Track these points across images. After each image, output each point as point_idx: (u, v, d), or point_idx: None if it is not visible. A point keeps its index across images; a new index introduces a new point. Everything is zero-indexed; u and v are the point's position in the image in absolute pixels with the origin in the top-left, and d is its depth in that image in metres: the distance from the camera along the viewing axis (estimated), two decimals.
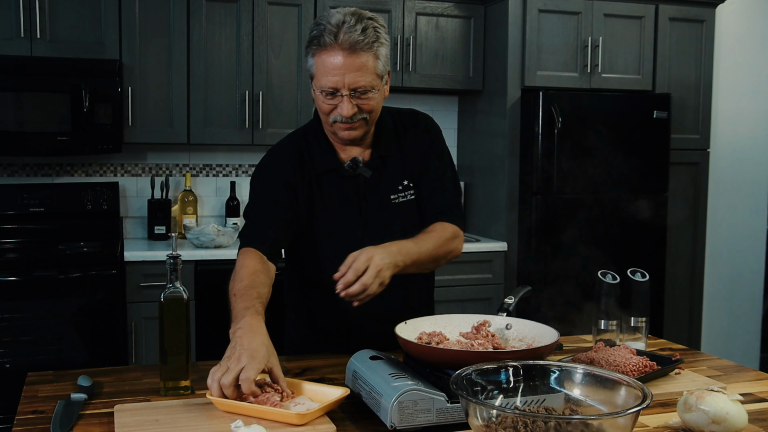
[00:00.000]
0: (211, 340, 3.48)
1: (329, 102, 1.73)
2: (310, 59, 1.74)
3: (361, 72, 1.68)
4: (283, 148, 1.92)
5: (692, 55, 4.22)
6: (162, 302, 1.52)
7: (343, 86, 1.69)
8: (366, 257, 1.57)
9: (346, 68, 1.67)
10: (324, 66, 1.69)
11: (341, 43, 1.66)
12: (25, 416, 1.42)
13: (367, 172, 1.84)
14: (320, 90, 1.73)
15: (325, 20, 1.69)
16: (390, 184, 1.87)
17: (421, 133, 1.91)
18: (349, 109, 1.70)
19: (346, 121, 1.73)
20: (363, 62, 1.68)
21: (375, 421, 1.37)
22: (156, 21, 3.58)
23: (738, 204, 4.72)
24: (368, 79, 1.69)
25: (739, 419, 1.31)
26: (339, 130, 1.77)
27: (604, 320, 1.83)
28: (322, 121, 1.82)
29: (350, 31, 1.66)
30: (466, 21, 4.05)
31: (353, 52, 1.66)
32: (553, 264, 3.81)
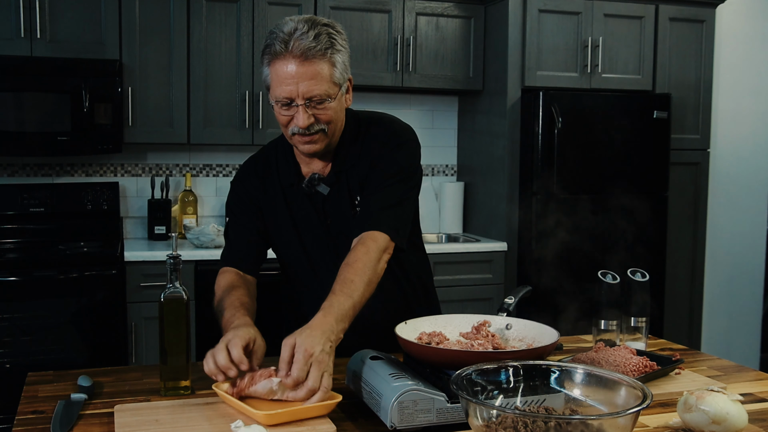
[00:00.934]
0: (211, 340, 3.47)
1: (285, 113, 1.67)
2: (265, 69, 1.67)
3: (315, 80, 1.61)
4: (253, 162, 1.91)
5: (692, 55, 4.22)
6: (162, 302, 1.52)
7: (298, 96, 1.62)
8: (304, 357, 1.40)
9: (299, 77, 1.60)
10: (277, 76, 1.62)
11: (292, 51, 1.59)
12: (25, 416, 1.42)
13: (325, 189, 1.79)
14: (275, 101, 1.67)
15: (278, 29, 1.62)
16: (348, 198, 1.79)
17: (377, 144, 1.78)
18: (305, 119, 1.63)
19: (303, 132, 1.66)
20: (316, 70, 1.60)
21: (375, 421, 1.37)
22: (156, 21, 3.58)
23: (738, 204, 4.72)
24: (323, 88, 1.62)
25: (739, 419, 1.31)
26: (298, 143, 1.71)
27: (604, 320, 1.83)
28: (284, 133, 1.76)
29: (302, 38, 1.59)
30: (466, 21, 4.05)
31: (305, 59, 1.59)
32: (553, 264, 3.81)
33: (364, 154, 1.78)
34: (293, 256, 1.86)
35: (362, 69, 3.84)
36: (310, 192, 1.80)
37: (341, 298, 1.54)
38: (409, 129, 1.84)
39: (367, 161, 1.78)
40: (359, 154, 1.78)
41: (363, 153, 1.79)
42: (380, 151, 1.77)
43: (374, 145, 1.78)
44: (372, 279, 1.60)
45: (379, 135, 1.80)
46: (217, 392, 1.45)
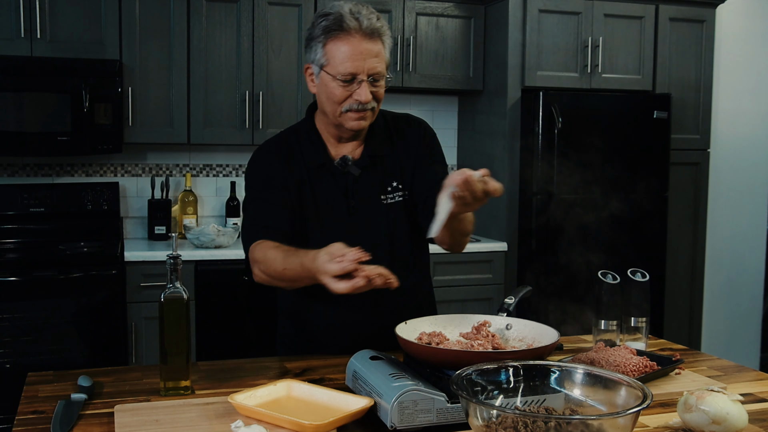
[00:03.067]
0: (211, 340, 3.48)
1: (345, 89, 1.72)
2: (320, 48, 1.73)
3: (378, 58, 1.71)
4: (272, 144, 1.90)
5: (692, 55, 4.22)
6: (162, 302, 1.52)
7: (363, 71, 1.70)
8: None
9: (367, 53, 1.69)
10: (342, 52, 1.69)
11: (363, 29, 1.69)
12: (25, 416, 1.42)
13: (356, 170, 1.83)
14: (338, 76, 1.71)
15: (336, 10, 1.71)
16: (380, 184, 1.85)
17: (414, 137, 1.90)
18: (368, 94, 1.71)
19: (361, 108, 1.73)
20: (379, 49, 1.72)
21: (375, 421, 1.37)
22: (156, 21, 3.58)
23: (738, 204, 4.72)
24: (383, 66, 1.73)
25: (739, 419, 1.31)
26: (348, 119, 1.76)
27: (604, 320, 1.83)
28: (328, 112, 1.79)
29: (369, 17, 1.70)
30: (466, 21, 4.05)
31: (372, 38, 1.70)
32: (553, 264, 3.81)
33: (397, 145, 1.87)
34: (311, 237, 1.85)
35: None
36: (342, 172, 1.83)
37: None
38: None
39: (404, 151, 1.87)
40: (391, 144, 1.87)
41: (396, 144, 1.87)
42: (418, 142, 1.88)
43: (409, 136, 1.89)
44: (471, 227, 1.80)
45: (411, 128, 1.91)
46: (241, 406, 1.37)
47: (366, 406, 1.36)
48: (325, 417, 1.31)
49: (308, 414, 1.36)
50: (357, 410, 1.35)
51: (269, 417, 1.33)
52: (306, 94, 3.80)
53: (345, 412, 1.34)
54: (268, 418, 1.33)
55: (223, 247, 3.59)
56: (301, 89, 3.80)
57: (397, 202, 1.86)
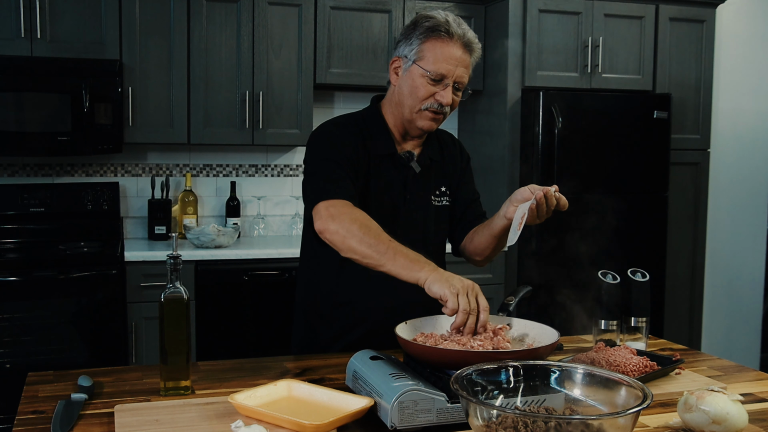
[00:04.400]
0: (211, 340, 3.48)
1: (431, 87, 1.80)
2: (417, 44, 1.81)
3: (467, 69, 1.82)
4: (345, 123, 1.91)
5: (692, 55, 4.22)
6: (162, 302, 1.52)
7: (452, 76, 1.79)
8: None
9: (460, 61, 1.80)
10: (440, 53, 1.78)
11: (463, 38, 1.81)
12: (25, 416, 1.42)
13: (418, 167, 1.91)
14: (429, 73, 1.78)
15: (442, 16, 1.83)
16: (433, 185, 1.96)
17: (458, 151, 2.04)
18: (450, 97, 1.80)
19: (438, 110, 1.81)
20: (470, 62, 1.83)
21: (375, 421, 1.37)
22: (156, 21, 3.58)
23: (738, 204, 4.72)
24: (467, 78, 1.83)
25: (739, 419, 1.31)
26: (423, 118, 1.83)
27: (605, 320, 1.83)
28: (408, 105, 1.83)
29: (469, 31, 1.84)
30: (466, 21, 4.04)
31: (467, 49, 1.82)
32: (553, 264, 3.81)
33: (445, 155, 2.00)
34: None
35: (362, 69, 3.85)
36: (404, 165, 1.90)
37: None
38: None
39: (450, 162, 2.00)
40: (441, 152, 2.00)
41: (444, 154, 2.00)
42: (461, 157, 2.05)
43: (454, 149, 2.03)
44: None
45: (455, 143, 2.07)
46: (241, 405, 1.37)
47: (366, 406, 1.36)
48: (326, 417, 1.31)
49: (308, 414, 1.36)
50: (357, 410, 1.35)
51: (269, 417, 1.33)
52: (306, 93, 3.80)
53: (345, 412, 1.34)
54: (269, 418, 1.33)
55: (223, 247, 3.59)
56: (300, 89, 3.80)
57: (444, 205, 1.98)
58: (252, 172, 4.11)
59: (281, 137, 3.79)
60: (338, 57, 3.84)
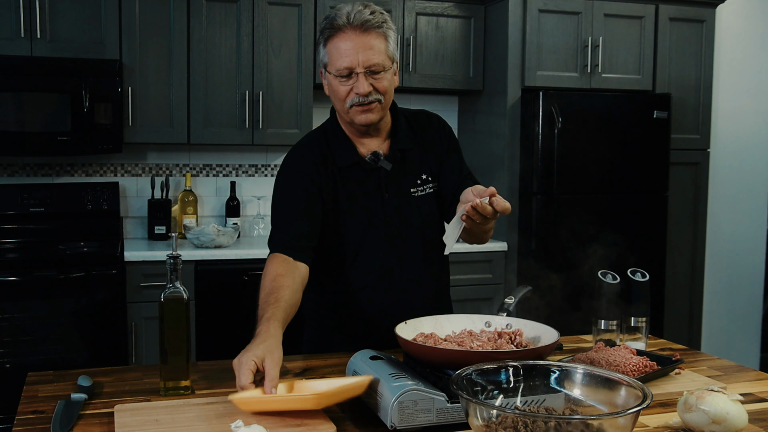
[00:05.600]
0: (211, 340, 3.48)
1: (345, 84, 1.77)
2: (322, 49, 1.81)
3: (373, 51, 1.75)
4: (303, 147, 1.94)
5: (692, 55, 4.22)
6: (162, 302, 1.52)
7: (358, 64, 1.75)
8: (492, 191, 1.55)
9: (359, 47, 1.74)
10: (338, 49, 1.76)
11: (352, 23, 1.74)
12: (25, 416, 1.42)
13: (388, 165, 1.88)
14: (336, 73, 1.77)
15: (335, 11, 1.78)
16: (410, 177, 1.92)
17: (435, 130, 1.97)
18: (366, 86, 1.75)
19: (362, 101, 1.77)
20: (374, 42, 1.75)
21: (375, 421, 1.37)
22: (156, 21, 3.58)
23: (738, 204, 4.72)
24: (381, 58, 1.76)
25: (739, 419, 1.31)
26: (356, 114, 1.80)
27: (604, 320, 1.83)
28: (339, 110, 1.85)
29: (360, 13, 1.75)
30: (466, 21, 4.05)
31: (364, 31, 1.74)
32: (553, 264, 3.81)
33: (421, 139, 1.94)
34: (348, 235, 1.89)
35: None
36: (374, 167, 1.88)
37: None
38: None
39: (428, 144, 1.94)
40: (415, 138, 1.93)
41: (419, 138, 1.94)
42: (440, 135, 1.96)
43: (430, 129, 1.96)
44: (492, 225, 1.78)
45: (431, 122, 1.99)
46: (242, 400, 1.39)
47: (366, 380, 1.38)
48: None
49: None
50: (357, 383, 1.38)
51: (271, 402, 1.36)
52: (306, 93, 3.80)
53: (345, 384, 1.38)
54: (271, 404, 1.36)
55: (223, 246, 3.59)
56: (300, 89, 3.80)
57: (428, 194, 1.93)
58: (252, 172, 4.11)
59: (281, 137, 3.79)
60: None
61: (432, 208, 1.93)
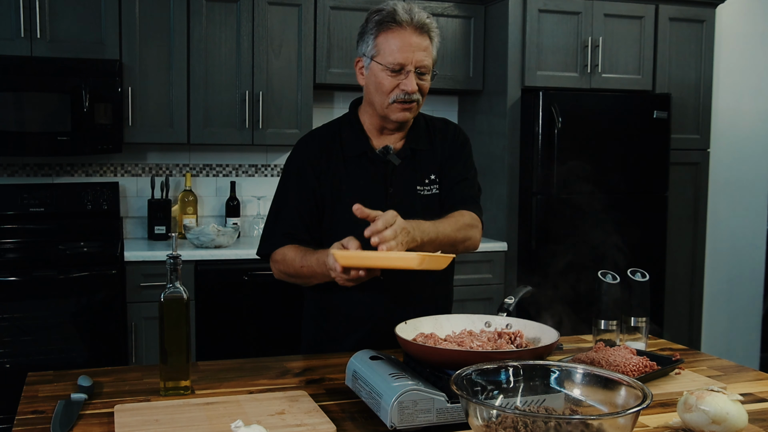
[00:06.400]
0: (211, 340, 3.48)
1: (393, 79, 1.80)
2: (372, 40, 1.82)
3: (426, 52, 1.81)
4: (315, 133, 2.00)
5: (692, 55, 4.22)
6: (162, 302, 1.52)
7: (411, 63, 1.79)
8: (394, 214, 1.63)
9: (416, 46, 1.79)
10: (393, 43, 1.79)
11: (414, 23, 1.79)
12: (25, 416, 1.42)
13: (396, 159, 1.91)
14: (387, 65, 1.80)
15: (389, 6, 1.82)
16: (418, 175, 1.94)
17: (450, 137, 1.99)
18: (414, 84, 1.79)
19: (407, 99, 1.81)
20: (428, 44, 1.81)
21: (375, 421, 1.37)
22: (156, 21, 3.58)
23: (738, 204, 4.72)
24: (430, 61, 1.82)
25: (739, 419, 1.31)
26: (394, 111, 1.83)
27: (604, 320, 1.83)
28: (377, 102, 1.86)
29: (419, 14, 1.80)
30: (466, 21, 4.05)
31: (422, 32, 1.80)
32: (553, 264, 3.81)
33: (435, 142, 1.96)
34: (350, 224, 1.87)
35: None
36: (382, 160, 1.90)
37: (427, 223, 1.75)
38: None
39: (441, 149, 1.96)
40: (430, 140, 1.96)
41: (434, 141, 1.97)
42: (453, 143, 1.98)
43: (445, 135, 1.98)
44: (457, 231, 1.83)
45: (448, 129, 2.01)
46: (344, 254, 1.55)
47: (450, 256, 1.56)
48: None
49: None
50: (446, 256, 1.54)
51: (374, 258, 1.53)
52: (306, 93, 3.80)
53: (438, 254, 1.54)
54: (373, 260, 1.53)
55: (223, 247, 3.59)
56: (300, 89, 3.80)
57: (433, 194, 1.96)
58: (252, 172, 4.11)
59: (281, 137, 3.79)
60: (338, 57, 3.84)
61: (435, 209, 1.95)
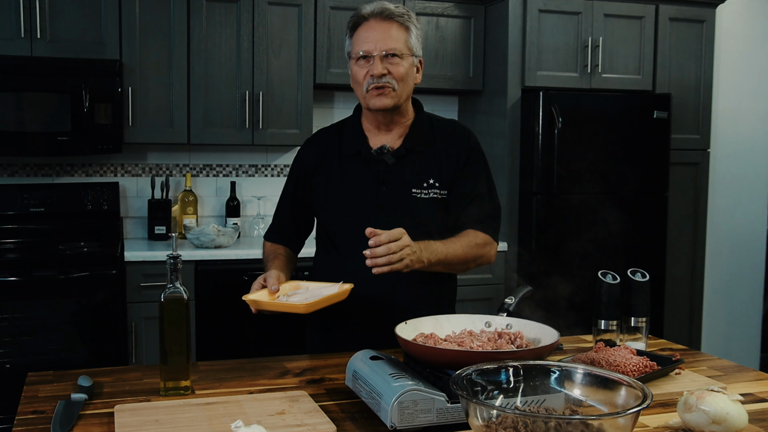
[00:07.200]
0: (211, 340, 3.48)
1: (363, 68, 1.88)
2: (348, 40, 1.94)
3: (392, 37, 1.86)
4: (320, 132, 2.08)
5: (692, 55, 4.22)
6: (162, 302, 1.52)
7: (375, 48, 1.85)
8: (401, 231, 1.69)
9: (380, 32, 1.86)
10: (359, 37, 1.89)
11: (378, 13, 1.87)
12: (25, 416, 1.42)
13: (391, 159, 1.92)
14: (355, 56, 1.89)
15: (361, 7, 1.92)
16: (414, 177, 1.93)
17: (456, 141, 1.98)
18: (380, 68, 1.84)
19: (378, 84, 1.85)
20: (396, 29, 1.87)
21: (375, 421, 1.37)
22: (156, 21, 3.58)
23: (738, 204, 4.72)
24: (397, 45, 1.86)
25: (739, 419, 1.31)
26: (371, 98, 1.88)
27: (605, 320, 1.83)
28: (358, 95, 1.93)
29: (383, 5, 1.89)
30: (466, 21, 4.05)
31: (384, 19, 1.87)
32: (553, 264, 3.81)
33: (437, 145, 1.96)
34: (342, 223, 1.97)
35: None
36: (377, 159, 1.93)
37: (437, 243, 1.81)
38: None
39: (445, 153, 1.95)
40: (432, 142, 1.96)
41: (436, 144, 1.96)
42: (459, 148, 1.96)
43: (452, 139, 1.97)
44: (468, 251, 1.87)
45: (455, 132, 2.00)
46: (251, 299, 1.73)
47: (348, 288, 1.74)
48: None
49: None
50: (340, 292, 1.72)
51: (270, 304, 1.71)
52: (306, 93, 3.80)
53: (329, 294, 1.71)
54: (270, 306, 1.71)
55: (223, 247, 3.59)
56: (301, 89, 3.80)
57: (433, 198, 1.94)
58: (252, 172, 4.11)
59: (281, 137, 3.79)
60: (338, 57, 3.84)
61: (433, 214, 1.93)
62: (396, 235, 1.66)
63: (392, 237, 1.66)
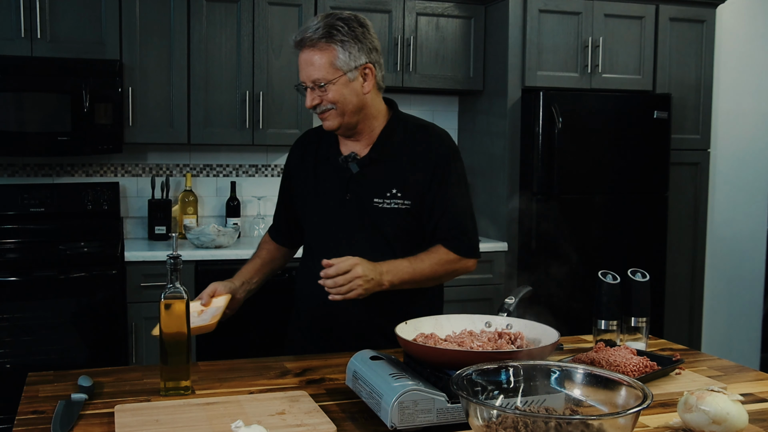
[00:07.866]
0: (211, 340, 3.48)
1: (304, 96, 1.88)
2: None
3: (314, 66, 1.81)
4: (307, 134, 2.09)
5: (692, 55, 4.22)
6: (162, 302, 1.52)
7: (306, 80, 1.84)
8: (352, 263, 1.72)
9: (305, 64, 1.83)
10: (298, 64, 1.87)
11: (298, 42, 1.83)
12: (25, 416, 1.42)
13: (355, 167, 1.91)
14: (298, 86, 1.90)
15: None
16: (376, 187, 1.89)
17: (425, 151, 1.90)
18: (310, 100, 1.84)
19: (318, 111, 1.86)
20: (315, 57, 1.81)
21: (375, 421, 1.37)
22: (156, 21, 3.58)
23: (738, 204, 4.72)
24: (321, 73, 1.81)
25: (739, 419, 1.31)
26: (321, 120, 1.90)
27: (605, 320, 1.83)
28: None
29: (306, 30, 1.82)
30: (466, 21, 4.05)
31: (311, 48, 1.81)
32: (553, 264, 3.81)
33: (402, 154, 1.90)
34: (313, 224, 2.01)
35: None
36: (342, 167, 1.92)
37: (404, 262, 1.82)
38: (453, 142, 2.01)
39: (414, 163, 1.88)
40: (400, 152, 1.90)
41: (409, 154, 1.90)
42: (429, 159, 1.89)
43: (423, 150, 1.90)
44: (439, 267, 1.86)
45: (429, 141, 1.92)
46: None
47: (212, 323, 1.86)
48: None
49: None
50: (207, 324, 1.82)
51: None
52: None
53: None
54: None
55: (223, 247, 3.59)
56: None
57: (395, 209, 1.88)
58: (252, 172, 4.11)
59: (281, 137, 3.79)
60: None
61: (396, 224, 1.88)
62: (344, 268, 1.70)
63: (340, 270, 1.70)
